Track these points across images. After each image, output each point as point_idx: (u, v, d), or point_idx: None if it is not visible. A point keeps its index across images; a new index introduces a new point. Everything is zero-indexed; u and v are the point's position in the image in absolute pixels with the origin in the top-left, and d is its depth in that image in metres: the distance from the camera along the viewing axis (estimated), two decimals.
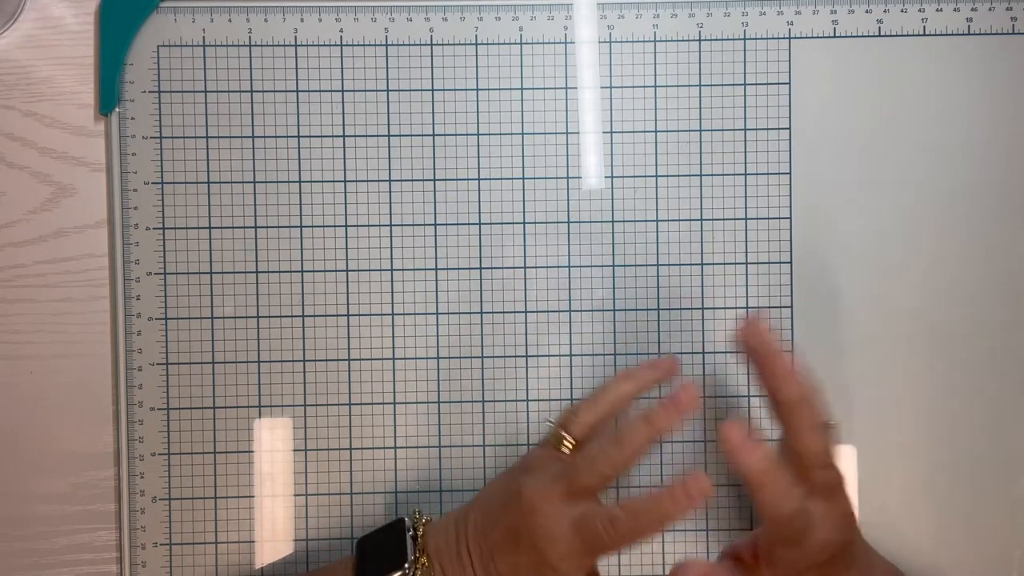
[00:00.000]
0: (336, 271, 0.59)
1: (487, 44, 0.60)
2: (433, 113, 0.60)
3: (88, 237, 0.59)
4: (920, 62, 0.60)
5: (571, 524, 0.48)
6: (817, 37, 0.60)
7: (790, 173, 0.60)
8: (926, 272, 0.60)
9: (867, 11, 0.59)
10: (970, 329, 0.60)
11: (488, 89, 0.60)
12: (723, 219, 0.60)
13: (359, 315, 0.59)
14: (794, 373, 0.49)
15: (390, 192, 0.60)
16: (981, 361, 0.59)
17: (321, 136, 0.59)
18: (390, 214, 0.60)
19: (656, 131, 0.60)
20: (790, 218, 0.60)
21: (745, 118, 0.60)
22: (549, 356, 0.60)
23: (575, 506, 0.49)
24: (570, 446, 0.53)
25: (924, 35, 0.60)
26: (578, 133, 0.60)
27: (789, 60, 0.60)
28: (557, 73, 0.60)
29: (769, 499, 0.48)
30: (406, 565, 0.50)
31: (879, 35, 0.60)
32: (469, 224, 0.60)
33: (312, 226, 0.59)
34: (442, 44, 0.60)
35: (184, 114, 0.59)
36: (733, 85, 0.60)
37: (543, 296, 0.60)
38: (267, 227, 0.59)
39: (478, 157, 0.60)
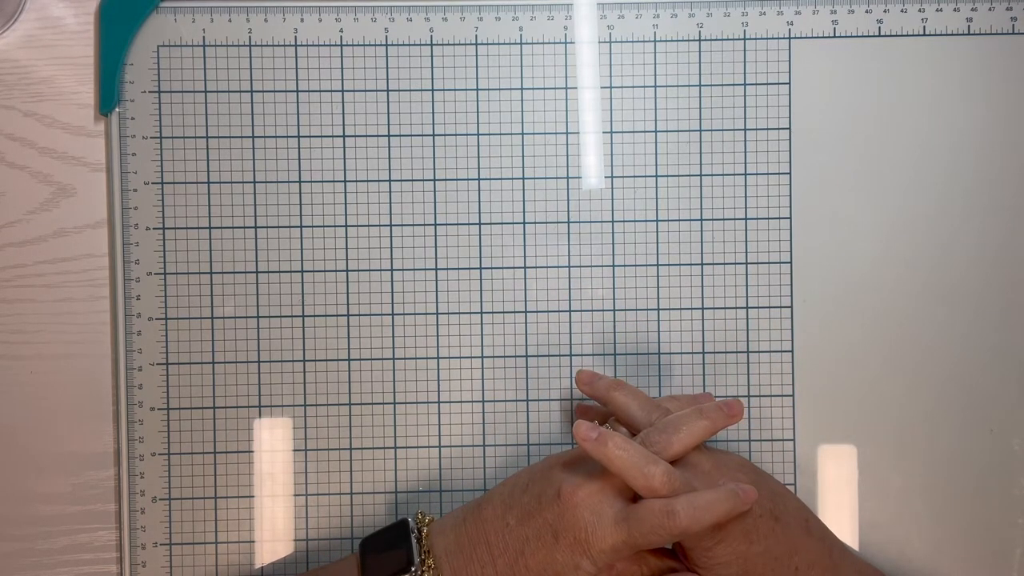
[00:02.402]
0: (336, 271, 0.59)
1: (487, 44, 0.60)
2: (433, 113, 0.60)
3: (88, 237, 0.59)
4: (920, 62, 0.60)
5: (617, 517, 0.48)
6: (817, 37, 0.60)
7: (790, 173, 0.60)
8: (926, 271, 0.60)
9: (867, 11, 0.60)
10: (970, 328, 0.60)
11: (488, 89, 0.60)
12: (723, 219, 0.60)
13: (359, 315, 0.59)
14: (595, 376, 0.56)
15: (390, 192, 0.60)
16: (981, 360, 0.59)
17: (321, 136, 0.60)
18: (390, 214, 0.60)
19: (656, 131, 0.60)
20: (790, 218, 0.60)
21: (745, 118, 0.60)
22: (549, 356, 0.60)
23: (620, 499, 0.49)
24: None
25: (924, 35, 0.60)
26: (578, 133, 0.60)
27: (789, 60, 0.60)
28: (557, 73, 0.60)
29: (638, 478, 0.48)
30: (413, 568, 0.50)
31: (879, 35, 0.60)
32: (469, 224, 0.60)
33: (312, 226, 0.59)
34: (442, 44, 0.60)
35: (184, 114, 0.59)
36: (733, 85, 0.60)
37: (543, 296, 0.60)
38: (267, 227, 0.59)
39: (478, 157, 0.60)
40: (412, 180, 0.60)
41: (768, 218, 0.60)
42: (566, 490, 0.49)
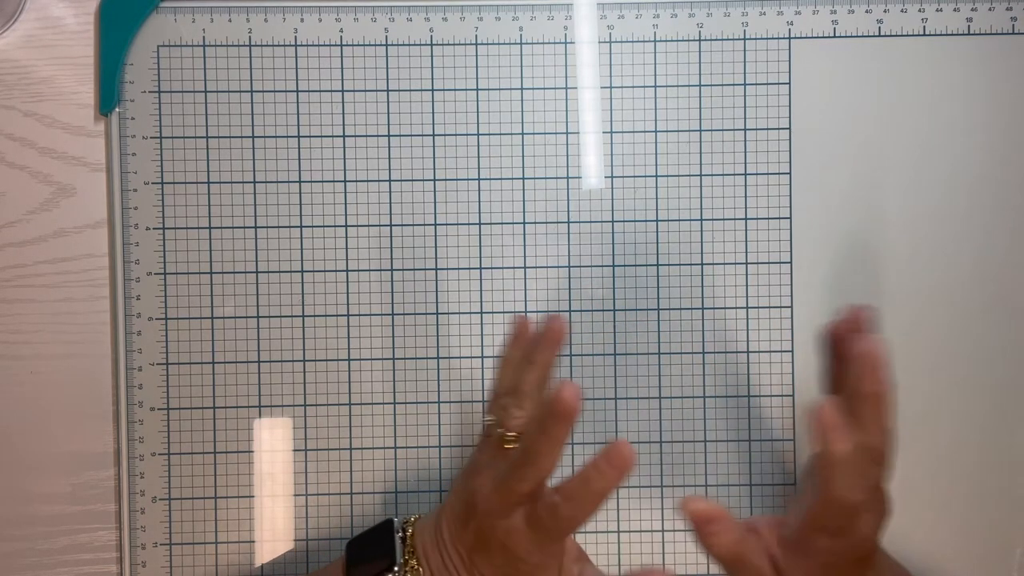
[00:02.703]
0: (336, 271, 0.59)
1: (487, 44, 0.60)
2: (433, 113, 0.60)
3: (88, 237, 0.59)
4: (920, 62, 0.60)
5: (523, 518, 0.48)
6: (817, 37, 0.60)
7: (790, 173, 0.60)
8: (926, 272, 0.60)
9: (867, 11, 0.59)
10: (969, 329, 0.59)
11: (488, 89, 0.60)
12: (723, 219, 0.60)
13: (359, 315, 0.59)
14: (882, 368, 0.48)
15: (390, 192, 0.60)
16: (980, 360, 0.59)
17: (321, 136, 0.60)
18: (390, 214, 0.60)
19: (656, 131, 0.60)
20: (790, 218, 0.60)
21: (745, 118, 0.60)
22: None
23: (523, 501, 0.48)
24: (514, 442, 0.50)
25: (924, 35, 0.60)
26: (578, 133, 0.60)
27: (789, 60, 0.60)
28: (557, 73, 0.60)
29: (845, 484, 0.46)
30: (395, 568, 0.50)
31: (879, 35, 0.60)
32: (469, 224, 0.60)
33: (312, 226, 0.59)
34: (442, 44, 0.60)
35: (184, 114, 0.59)
36: (733, 85, 0.60)
37: (543, 296, 0.60)
38: (267, 227, 0.59)
39: (478, 157, 0.60)
40: (412, 180, 0.60)
41: (768, 218, 0.60)
42: (480, 497, 0.48)
